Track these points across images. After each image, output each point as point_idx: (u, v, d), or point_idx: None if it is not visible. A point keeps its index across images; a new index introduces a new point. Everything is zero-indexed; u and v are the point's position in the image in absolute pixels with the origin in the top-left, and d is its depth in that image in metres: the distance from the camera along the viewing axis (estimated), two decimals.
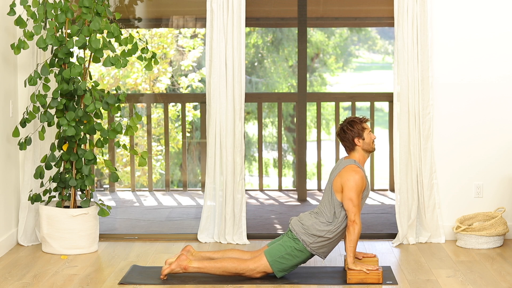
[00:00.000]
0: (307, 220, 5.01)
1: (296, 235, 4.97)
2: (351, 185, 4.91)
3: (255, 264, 4.95)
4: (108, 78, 9.42)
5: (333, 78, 13.95)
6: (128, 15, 7.77)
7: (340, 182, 4.95)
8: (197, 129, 9.27)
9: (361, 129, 5.02)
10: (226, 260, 4.96)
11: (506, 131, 5.94)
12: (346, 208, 4.90)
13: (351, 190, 4.91)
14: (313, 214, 5.04)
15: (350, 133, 5.02)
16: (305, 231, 4.97)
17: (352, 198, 4.90)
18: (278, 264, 4.95)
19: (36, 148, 5.85)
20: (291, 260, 4.97)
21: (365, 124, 5.05)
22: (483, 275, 5.05)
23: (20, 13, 5.60)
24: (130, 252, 5.67)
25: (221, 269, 4.95)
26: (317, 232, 4.96)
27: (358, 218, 4.89)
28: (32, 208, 5.88)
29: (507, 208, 5.97)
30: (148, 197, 7.94)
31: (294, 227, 5.01)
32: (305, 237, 4.96)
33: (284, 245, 4.98)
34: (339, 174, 4.98)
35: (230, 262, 4.95)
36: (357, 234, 4.90)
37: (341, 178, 4.95)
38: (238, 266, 4.94)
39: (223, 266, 4.95)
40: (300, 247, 4.97)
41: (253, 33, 12.22)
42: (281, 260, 4.95)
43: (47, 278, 5.03)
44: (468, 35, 5.90)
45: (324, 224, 4.96)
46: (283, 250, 4.96)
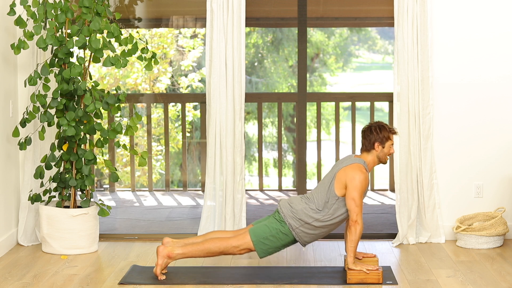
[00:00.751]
0: (297, 204, 5.01)
1: (284, 218, 4.97)
2: (356, 185, 4.91)
3: (238, 242, 4.96)
4: (108, 78, 9.42)
5: (333, 78, 13.95)
6: (128, 15, 7.77)
7: (345, 178, 4.94)
8: (197, 129, 9.27)
9: (386, 137, 5.03)
10: (209, 242, 4.97)
11: (506, 131, 5.94)
12: (348, 208, 4.90)
13: (355, 190, 4.90)
14: (304, 199, 5.05)
15: (375, 136, 5.03)
16: (293, 214, 4.97)
17: (355, 198, 4.90)
18: (262, 244, 4.95)
19: (36, 148, 5.85)
20: (275, 242, 4.97)
21: (392, 136, 5.07)
22: (483, 275, 5.05)
23: (20, 13, 5.60)
24: (130, 252, 5.67)
25: (205, 250, 4.96)
26: (304, 218, 4.96)
27: (360, 218, 4.89)
28: (32, 208, 5.88)
29: (507, 208, 5.97)
30: (148, 197, 7.94)
31: (282, 209, 5.01)
32: (292, 221, 4.96)
33: (270, 226, 4.98)
34: (345, 169, 4.97)
35: (213, 243, 4.96)
36: (359, 234, 4.90)
37: (346, 175, 4.95)
38: (221, 245, 4.95)
39: (206, 248, 4.95)
40: (286, 230, 4.97)
41: (253, 33, 12.22)
42: (265, 241, 4.95)
43: (47, 278, 5.03)
44: (468, 35, 5.90)
45: (313, 211, 4.96)
46: (268, 232, 4.96)
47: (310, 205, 4.99)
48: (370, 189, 8.14)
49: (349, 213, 4.90)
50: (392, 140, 5.06)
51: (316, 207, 4.98)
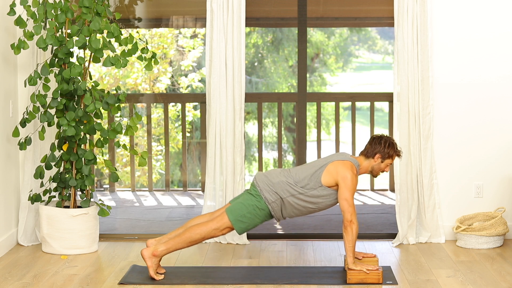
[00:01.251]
0: (275, 177, 5.01)
1: (260, 192, 4.97)
2: (348, 184, 4.92)
3: (218, 224, 4.96)
4: (108, 78, 9.41)
5: (333, 78, 13.95)
6: (128, 15, 7.77)
7: (336, 173, 4.94)
8: (197, 129, 9.27)
9: (390, 155, 5.06)
10: (189, 230, 4.97)
11: (506, 131, 5.94)
12: (342, 209, 4.90)
13: (347, 190, 4.91)
14: (284, 172, 5.05)
15: (381, 148, 5.04)
16: (269, 188, 4.96)
17: (347, 198, 4.90)
18: (240, 223, 4.96)
19: (36, 148, 5.85)
20: (253, 219, 4.98)
21: (395, 157, 5.09)
22: (483, 275, 5.05)
23: (20, 13, 5.60)
24: (130, 252, 5.67)
25: (187, 240, 4.96)
26: (280, 192, 4.96)
27: (355, 218, 4.89)
28: (32, 208, 5.88)
29: (507, 208, 5.97)
30: (148, 197, 7.94)
31: (258, 183, 5.00)
32: (268, 195, 4.96)
33: (245, 203, 4.98)
34: (337, 164, 4.97)
35: (193, 230, 4.96)
36: (355, 234, 4.90)
37: (338, 171, 4.95)
38: (202, 231, 4.95)
39: (188, 237, 4.96)
40: (262, 205, 4.97)
41: (253, 33, 12.22)
42: (243, 219, 4.96)
43: (47, 278, 5.03)
44: (468, 35, 5.90)
45: (290, 186, 4.96)
46: (244, 209, 4.96)
47: (289, 179, 4.98)
48: (370, 189, 8.14)
49: (344, 213, 4.89)
50: (392, 161, 5.08)
51: (293, 182, 4.97)
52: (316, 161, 5.10)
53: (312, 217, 6.86)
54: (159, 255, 4.97)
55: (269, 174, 5.05)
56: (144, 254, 4.97)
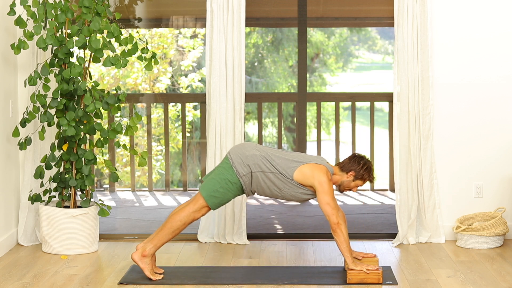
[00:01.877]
0: (249, 150, 5.00)
1: (232, 164, 4.96)
2: (326, 188, 4.90)
3: (194, 206, 4.96)
4: (108, 78, 9.42)
5: (333, 78, 13.96)
6: (128, 15, 7.77)
7: (312, 178, 4.92)
8: (197, 129, 9.27)
9: (362, 177, 5.02)
10: (169, 220, 4.99)
11: (506, 131, 5.94)
12: (326, 214, 4.87)
13: (326, 194, 4.89)
14: (259, 147, 5.04)
15: (357, 168, 5.02)
16: (241, 160, 4.95)
17: (329, 202, 4.87)
18: (213, 198, 4.95)
19: (36, 148, 5.85)
20: (225, 194, 4.96)
21: (366, 181, 5.06)
22: (483, 275, 5.05)
23: (20, 13, 5.60)
24: (130, 252, 5.67)
25: (170, 230, 4.97)
26: (252, 166, 4.95)
27: (341, 219, 4.88)
28: (32, 208, 5.88)
29: (507, 208, 5.97)
30: (148, 197, 7.94)
31: (232, 156, 4.99)
32: (240, 167, 4.95)
33: (217, 178, 4.96)
34: (313, 167, 4.95)
35: (173, 219, 4.98)
36: (346, 234, 4.88)
37: (314, 176, 4.92)
38: (181, 217, 4.96)
39: (170, 227, 4.97)
40: (234, 178, 4.95)
41: (253, 33, 12.22)
42: (216, 194, 4.95)
43: (47, 278, 5.03)
44: (468, 35, 5.90)
45: (263, 162, 4.95)
46: (217, 184, 4.95)
47: (263, 155, 4.98)
48: (370, 189, 8.14)
49: (329, 218, 4.86)
50: (363, 183, 5.06)
51: (267, 160, 4.96)
52: (294, 154, 5.07)
53: (312, 217, 6.86)
54: (149, 254, 4.98)
55: (243, 147, 5.04)
56: (134, 257, 4.99)
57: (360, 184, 5.07)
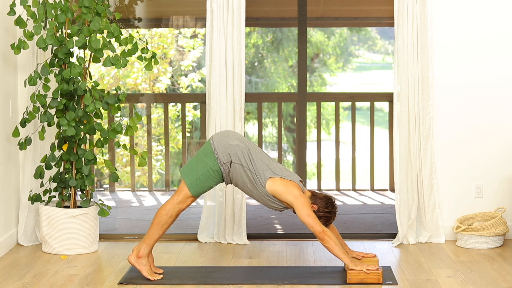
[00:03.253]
0: (233, 140, 4.96)
1: (214, 150, 4.92)
2: (302, 202, 4.86)
3: (179, 196, 4.94)
4: (108, 78, 9.42)
5: (333, 78, 13.96)
6: (128, 15, 7.77)
7: (286, 194, 4.86)
8: (197, 129, 9.27)
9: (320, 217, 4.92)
10: (156, 216, 4.98)
11: (506, 131, 5.94)
12: (309, 225, 4.82)
13: (304, 207, 4.85)
14: (243, 139, 5.01)
15: (321, 208, 4.93)
16: (224, 148, 4.92)
17: (309, 214, 4.84)
18: (195, 186, 4.92)
19: (36, 148, 5.85)
20: (207, 181, 4.93)
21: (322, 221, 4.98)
22: (483, 275, 5.05)
23: (20, 13, 5.60)
24: (130, 252, 5.67)
25: (159, 225, 4.96)
26: (232, 156, 4.92)
27: (323, 227, 4.83)
28: (32, 208, 5.88)
29: (507, 208, 5.97)
30: (148, 197, 7.94)
31: (214, 141, 4.95)
32: (221, 155, 4.91)
33: (200, 165, 4.93)
34: (286, 183, 4.89)
35: (159, 213, 4.97)
36: (334, 238, 4.84)
37: (289, 192, 4.86)
38: (168, 211, 4.95)
39: (158, 223, 4.97)
40: (215, 165, 4.92)
41: (253, 33, 12.22)
42: (198, 182, 4.92)
43: (47, 278, 5.03)
44: (468, 35, 5.90)
45: (244, 156, 4.92)
46: (199, 171, 4.92)
47: (244, 150, 4.93)
48: (370, 189, 8.14)
49: (312, 228, 4.81)
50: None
51: (248, 155, 4.93)
52: (273, 163, 5.00)
53: None
54: (144, 255, 4.98)
55: (228, 135, 5.00)
56: (131, 259, 5.00)
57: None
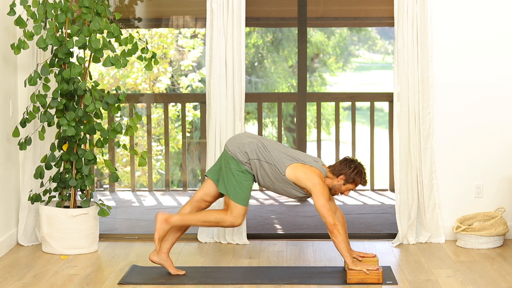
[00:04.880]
0: (245, 138, 5.00)
1: (233, 155, 4.94)
2: (320, 190, 4.87)
3: (232, 217, 4.93)
4: (108, 78, 9.42)
5: (333, 78, 13.96)
6: (128, 15, 7.77)
7: (306, 179, 4.90)
8: (197, 129, 9.27)
9: (353, 181, 4.98)
10: (206, 213, 4.99)
11: (506, 131, 5.94)
12: (322, 215, 4.85)
13: (321, 196, 4.87)
14: (255, 136, 5.04)
15: (348, 171, 4.98)
16: (239, 149, 4.94)
17: (324, 204, 4.85)
18: (240, 198, 4.92)
19: (36, 148, 5.85)
20: (244, 183, 4.93)
21: (358, 185, 5.02)
22: (483, 275, 5.05)
23: (20, 13, 5.60)
24: (130, 252, 5.67)
25: (202, 219, 4.99)
26: (250, 153, 4.94)
27: (334, 219, 4.84)
28: (32, 208, 5.88)
29: (507, 208, 5.97)
30: (148, 197, 7.94)
31: (229, 147, 4.97)
32: (240, 156, 4.94)
33: (229, 175, 4.94)
34: (306, 169, 4.93)
35: (210, 214, 4.98)
36: (344, 233, 4.86)
37: (308, 178, 4.90)
38: (219, 218, 4.95)
39: (204, 217, 4.98)
40: (241, 167, 4.94)
41: (253, 33, 12.22)
42: (238, 190, 4.93)
43: (47, 278, 5.03)
44: (468, 35, 5.90)
45: (259, 149, 4.95)
46: (233, 182, 4.93)
47: (259, 144, 4.96)
48: (370, 189, 8.14)
49: (325, 219, 4.84)
50: (354, 187, 5.02)
51: (263, 148, 4.95)
52: (291, 150, 5.05)
53: (312, 217, 6.86)
54: (171, 223, 5.00)
55: (239, 136, 5.03)
56: (158, 217, 5.01)
57: (352, 188, 5.02)
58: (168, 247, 5.11)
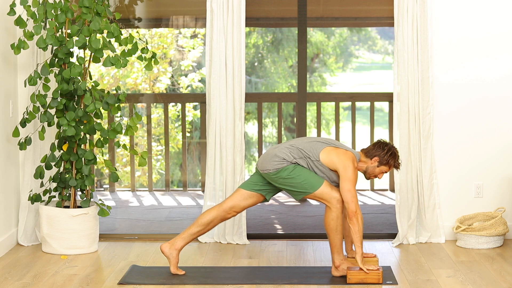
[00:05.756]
0: (272, 151, 4.99)
1: (276, 170, 4.93)
2: (349, 175, 4.88)
3: (333, 200, 4.88)
4: (108, 78, 9.42)
5: (333, 78, 13.95)
6: (128, 15, 7.77)
7: (338, 162, 4.90)
8: (197, 129, 9.27)
9: (387, 163, 5.01)
10: (329, 226, 4.93)
11: (506, 131, 5.94)
12: (346, 200, 4.84)
13: (349, 181, 4.86)
14: (279, 144, 5.07)
15: (382, 153, 5.00)
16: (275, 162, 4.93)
17: (350, 189, 4.85)
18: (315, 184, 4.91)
19: (36, 148, 5.85)
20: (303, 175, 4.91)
21: (391, 168, 5.04)
22: (483, 275, 5.05)
23: (20, 13, 5.60)
24: (130, 252, 5.67)
25: (336, 231, 4.94)
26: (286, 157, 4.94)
27: (359, 208, 4.84)
28: (32, 208, 5.88)
29: (507, 208, 5.97)
30: (148, 197, 7.94)
31: (266, 167, 4.95)
32: (281, 165, 4.92)
33: (292, 183, 4.92)
34: (340, 152, 4.93)
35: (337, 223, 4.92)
36: (361, 224, 4.84)
37: (340, 160, 4.91)
38: (335, 211, 4.89)
39: (334, 229, 4.93)
40: (289, 168, 4.93)
41: (253, 33, 12.22)
42: (308, 183, 4.91)
43: (47, 278, 5.03)
44: (468, 35, 5.90)
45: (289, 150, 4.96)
46: (298, 182, 4.91)
47: (286, 145, 4.98)
48: (370, 189, 8.14)
49: (348, 204, 4.84)
50: (388, 169, 5.04)
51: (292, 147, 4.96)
52: (323, 138, 5.07)
53: (312, 217, 6.86)
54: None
55: (267, 154, 5.02)
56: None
57: (386, 170, 5.03)
58: (182, 245, 5.11)
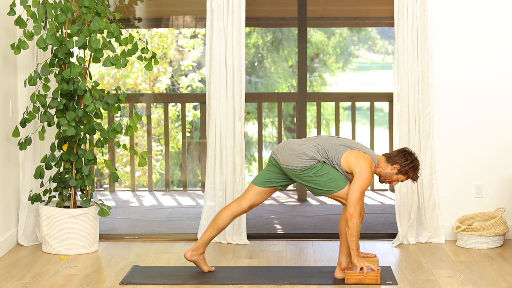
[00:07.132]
0: (299, 146, 4.93)
1: (303, 168, 4.88)
2: (362, 180, 4.82)
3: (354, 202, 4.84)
4: (108, 78, 9.42)
5: (333, 78, 13.95)
6: (128, 15, 7.77)
7: (355, 164, 4.86)
8: (197, 129, 9.27)
9: (407, 172, 4.95)
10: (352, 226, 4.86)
11: (506, 131, 5.94)
12: (348, 201, 4.82)
13: (359, 185, 4.81)
14: (296, 140, 5.02)
15: (405, 163, 4.95)
16: (303, 159, 4.88)
17: (355, 193, 4.80)
18: (340, 184, 4.88)
19: (36, 148, 5.85)
20: (330, 175, 4.88)
21: (409, 178, 4.99)
22: (483, 275, 5.05)
23: (20, 13, 5.60)
24: (130, 252, 5.67)
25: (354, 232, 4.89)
26: (316, 155, 4.89)
27: (357, 213, 4.79)
28: (32, 208, 5.88)
29: (507, 208, 5.97)
30: (148, 197, 7.94)
31: (292, 164, 4.89)
32: (309, 163, 4.87)
33: (317, 181, 4.88)
34: (359, 155, 4.89)
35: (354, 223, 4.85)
36: (355, 229, 4.78)
37: (358, 163, 4.86)
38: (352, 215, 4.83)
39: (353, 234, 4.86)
40: (317, 167, 4.88)
41: (253, 33, 12.22)
42: (334, 182, 4.87)
43: (47, 278, 5.03)
44: (468, 35, 5.90)
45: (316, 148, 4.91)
46: (325, 181, 4.87)
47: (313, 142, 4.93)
48: (370, 189, 8.14)
49: (348, 206, 4.81)
50: (405, 179, 4.98)
51: (318, 146, 4.92)
52: (342, 139, 5.01)
53: (312, 217, 6.86)
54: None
55: (288, 149, 4.95)
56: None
57: (402, 180, 4.97)
58: (205, 250, 5.13)
